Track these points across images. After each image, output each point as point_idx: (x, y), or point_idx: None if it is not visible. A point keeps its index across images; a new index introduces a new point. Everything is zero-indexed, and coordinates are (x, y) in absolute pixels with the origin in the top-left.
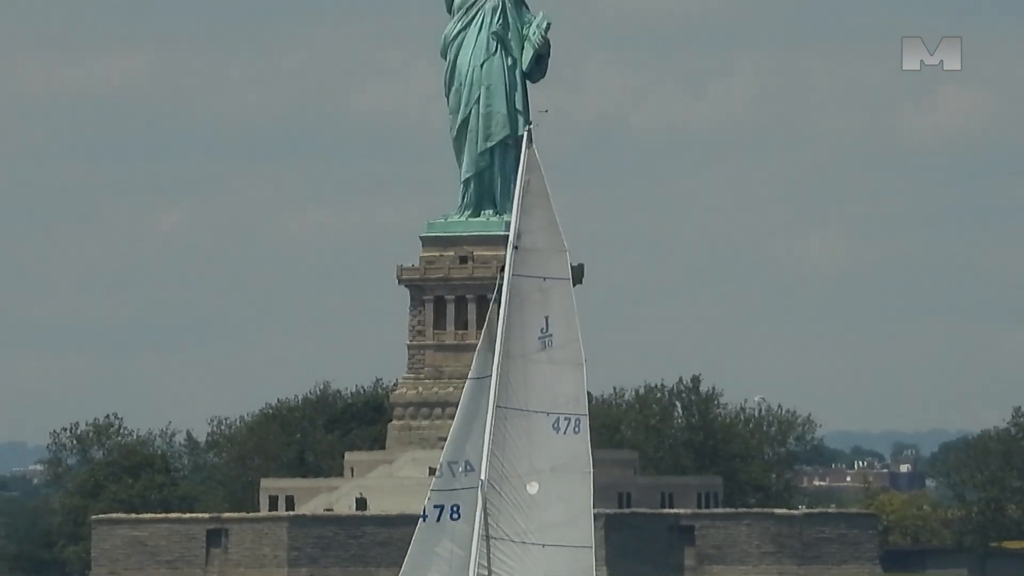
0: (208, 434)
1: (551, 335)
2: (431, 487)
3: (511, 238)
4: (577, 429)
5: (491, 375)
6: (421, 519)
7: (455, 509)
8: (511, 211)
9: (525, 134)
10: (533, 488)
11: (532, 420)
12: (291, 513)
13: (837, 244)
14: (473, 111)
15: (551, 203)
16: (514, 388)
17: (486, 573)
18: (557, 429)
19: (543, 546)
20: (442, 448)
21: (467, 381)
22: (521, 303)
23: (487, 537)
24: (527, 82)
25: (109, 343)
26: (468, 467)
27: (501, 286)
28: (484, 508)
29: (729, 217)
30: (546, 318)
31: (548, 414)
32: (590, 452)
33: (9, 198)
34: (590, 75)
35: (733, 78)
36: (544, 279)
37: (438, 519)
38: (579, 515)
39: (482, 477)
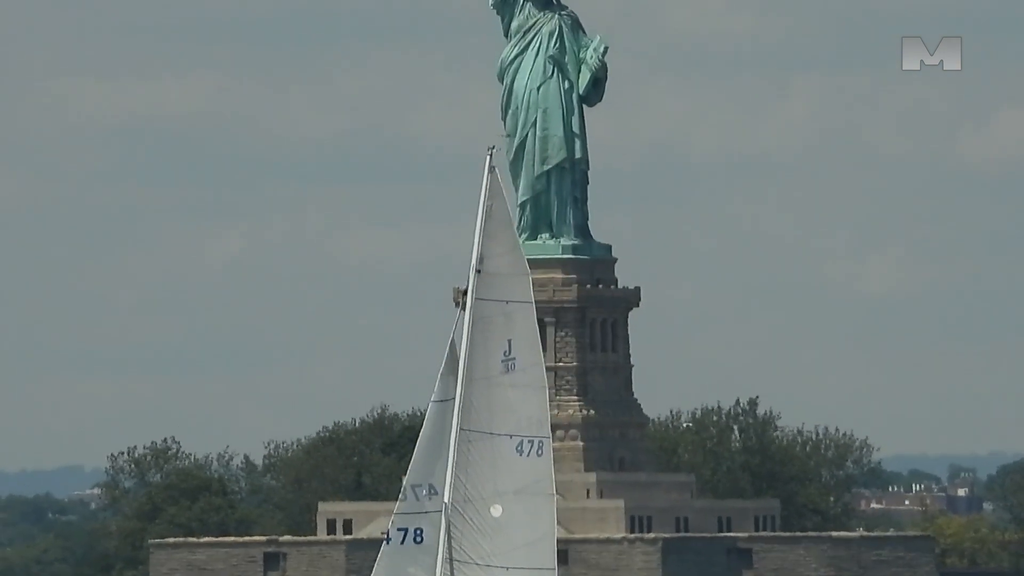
0: (265, 457)
1: (514, 358)
2: (395, 510)
3: (473, 262)
4: (540, 452)
5: (454, 398)
6: (385, 542)
7: (419, 532)
8: (568, 234)
9: (487, 159)
10: (497, 511)
11: (495, 443)
12: (349, 537)
13: (895, 267)
14: (530, 134)
15: (513, 228)
16: (477, 411)
17: None
18: (520, 452)
19: (507, 569)
20: None
21: (430, 404)
22: (485, 326)
23: (451, 560)
24: (584, 106)
25: (167, 366)
26: (432, 490)
27: (463, 310)
28: (448, 531)
29: (787, 240)
30: (509, 341)
31: (511, 437)
32: (553, 474)
33: (71, 222)
34: (648, 99)
35: (791, 101)
36: (507, 303)
37: (402, 542)
38: (542, 538)
39: (446, 500)
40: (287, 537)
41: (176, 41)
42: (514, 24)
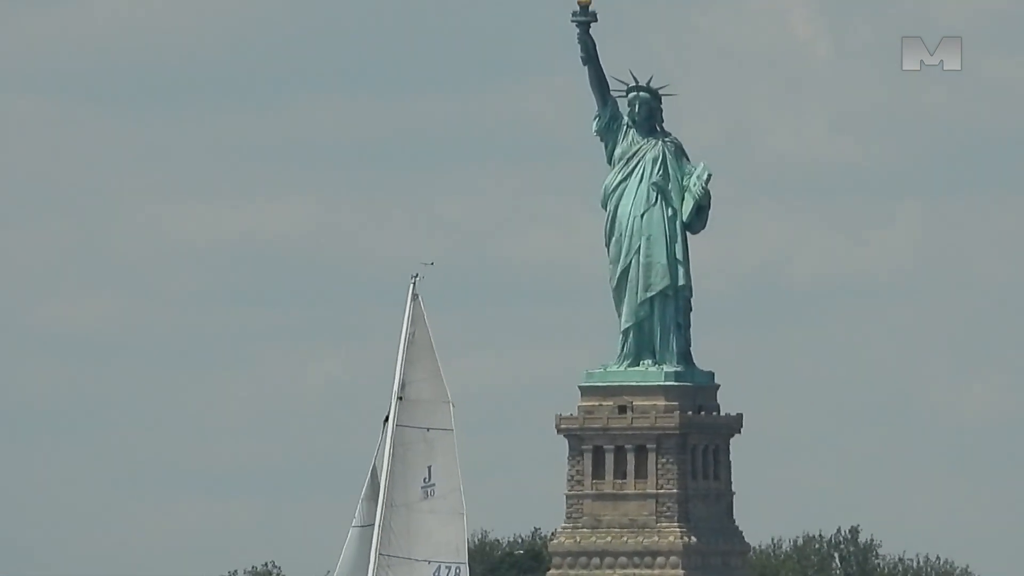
0: None
1: (434, 484)
2: None
3: (395, 388)
4: None
5: (374, 524)
6: None
7: None
8: (670, 360)
9: (410, 287)
10: None
11: (414, 569)
12: None
13: (998, 393)
14: (633, 261)
15: (435, 355)
16: (397, 536)
17: None
18: None
19: None
20: None
21: (350, 529)
22: (405, 453)
23: None
24: (687, 232)
25: (268, 489)
26: None
27: (385, 436)
28: None
29: (889, 365)
30: (429, 468)
31: (430, 562)
32: None
33: (170, 344)
34: (750, 224)
35: (894, 226)
36: (428, 429)
37: None
38: None
39: None
40: None
41: (276, 161)
42: (618, 151)
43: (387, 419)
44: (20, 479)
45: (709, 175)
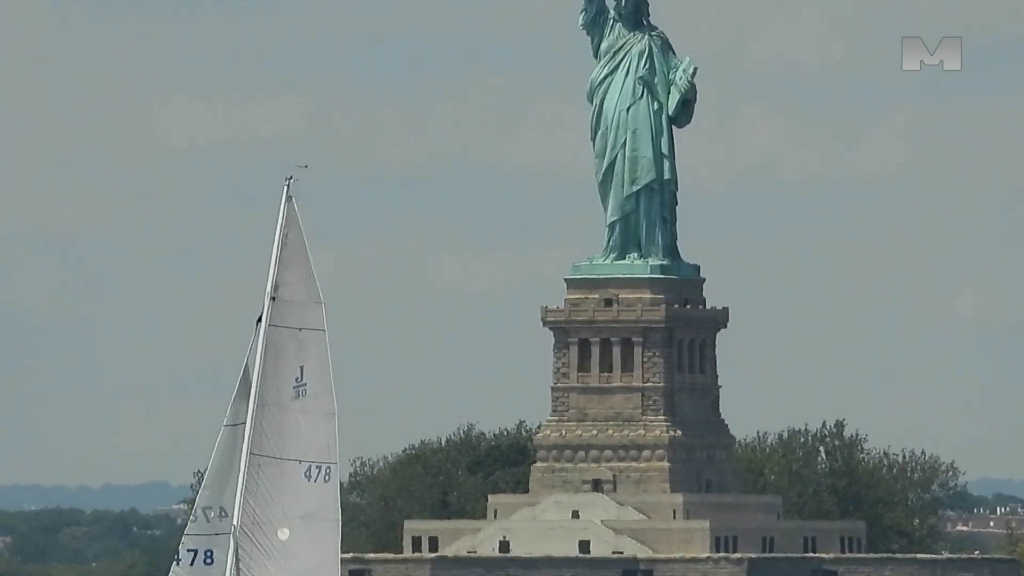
0: (351, 475)
1: (305, 384)
2: (185, 531)
3: (268, 289)
4: (327, 478)
5: (245, 423)
6: (175, 563)
7: (208, 554)
8: (656, 254)
9: (284, 189)
10: (284, 534)
11: (284, 468)
12: (434, 555)
13: (985, 292)
14: (619, 155)
15: (309, 256)
16: (268, 436)
17: None
18: (308, 477)
19: None
20: (587, 491)
21: (222, 428)
22: (277, 353)
23: None
24: (673, 127)
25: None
26: (222, 513)
27: (257, 336)
28: (236, 554)
29: (876, 263)
30: (301, 368)
31: (300, 462)
32: (339, 501)
33: (162, 245)
34: (738, 120)
35: (885, 128)
36: (300, 330)
37: (191, 563)
38: (327, 562)
39: (235, 523)
40: (373, 555)
41: (270, 61)
42: (604, 45)
43: (260, 319)
44: (10, 381)
45: (695, 69)
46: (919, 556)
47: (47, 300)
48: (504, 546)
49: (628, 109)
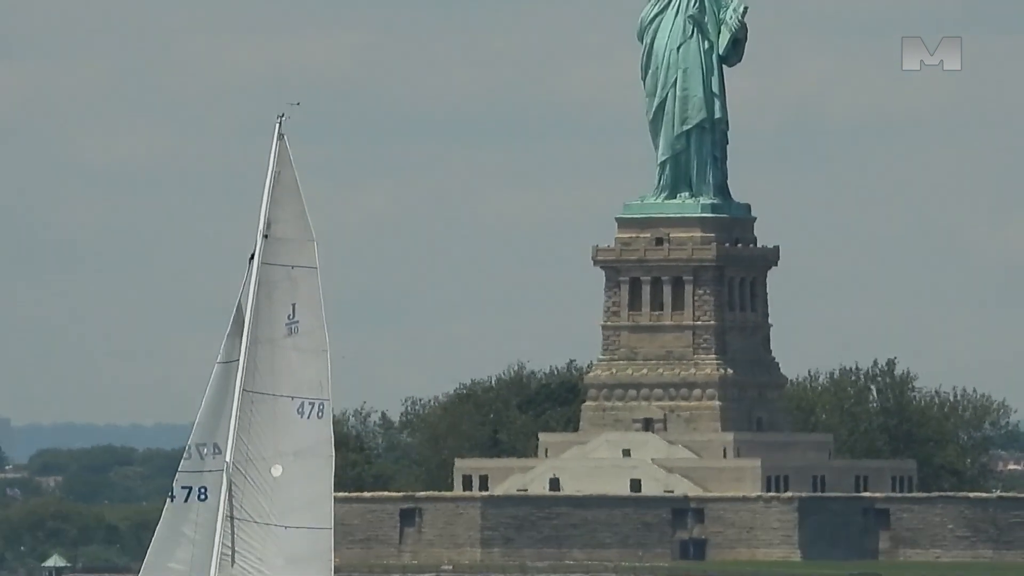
0: (402, 414)
1: (297, 322)
2: (179, 468)
3: (260, 227)
4: (320, 414)
5: (238, 360)
6: (169, 500)
7: (202, 491)
8: (707, 193)
9: (276, 127)
10: (277, 471)
11: (278, 404)
12: (485, 493)
13: None
14: (670, 94)
15: (301, 194)
16: (261, 373)
17: (230, 553)
18: (301, 413)
19: (285, 528)
20: (637, 430)
21: (215, 365)
22: (270, 291)
23: (231, 519)
24: (723, 66)
25: None
26: (215, 450)
27: (250, 273)
28: (229, 490)
29: (929, 200)
30: (293, 305)
31: (293, 398)
32: (332, 437)
33: (214, 180)
34: (788, 58)
35: (935, 63)
36: (292, 267)
37: (185, 500)
38: (320, 498)
39: (227, 459)
40: (424, 493)
41: None
42: None
43: (252, 257)
44: (61, 319)
45: (745, 8)
46: (970, 495)
47: (96, 234)
48: (554, 484)
49: (678, 48)
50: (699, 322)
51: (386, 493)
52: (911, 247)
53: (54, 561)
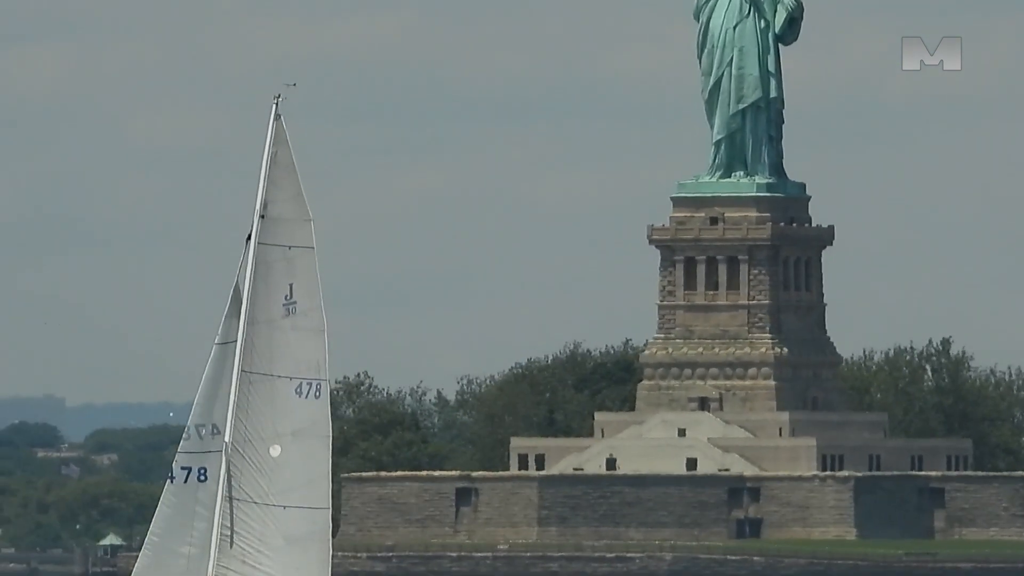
0: (458, 393)
1: (295, 302)
2: (179, 449)
3: (257, 207)
4: (318, 394)
5: (236, 340)
6: (168, 481)
7: (202, 471)
8: (762, 172)
9: (273, 108)
10: (276, 451)
11: (275, 385)
12: (541, 473)
13: None
14: (725, 73)
15: (297, 174)
16: (259, 353)
17: (229, 533)
18: (299, 393)
19: (284, 508)
20: (693, 409)
21: (213, 347)
22: (267, 271)
23: (230, 499)
24: (780, 45)
25: (362, 301)
26: (214, 430)
27: (247, 254)
28: (228, 470)
29: (982, 179)
30: (290, 285)
31: (291, 379)
32: (329, 417)
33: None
34: (844, 38)
35: (993, 42)
36: (289, 247)
37: (185, 480)
38: (318, 478)
39: (226, 440)
40: (479, 472)
41: None
42: None
43: (249, 237)
44: (114, 299)
45: None
46: None
47: (150, 214)
48: (610, 464)
49: (735, 27)
50: (754, 301)
51: (442, 472)
52: (966, 226)
53: (110, 540)
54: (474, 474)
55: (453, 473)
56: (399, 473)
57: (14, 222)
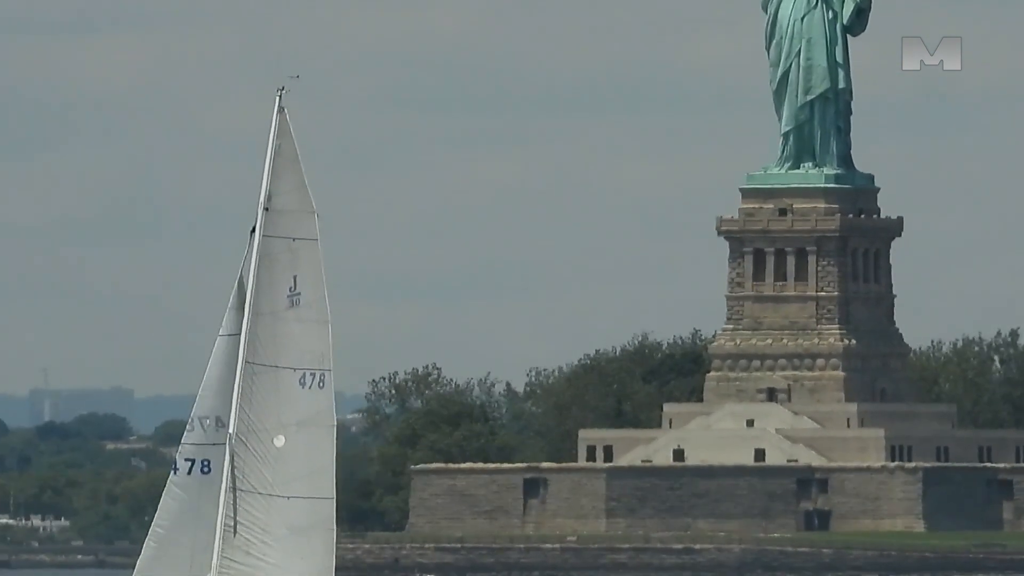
0: (526, 384)
1: (299, 293)
2: (183, 441)
3: (261, 199)
4: (322, 384)
5: (240, 332)
6: (172, 472)
7: (206, 463)
8: (831, 163)
9: (276, 100)
10: (280, 442)
11: (279, 376)
12: (609, 464)
13: None
14: (793, 64)
15: (301, 166)
16: (263, 344)
17: (233, 524)
18: (303, 384)
19: (288, 498)
20: (761, 400)
21: (217, 338)
22: (271, 263)
23: (234, 490)
24: (848, 36)
25: (430, 293)
26: (219, 422)
27: (251, 246)
28: (232, 461)
29: None
30: (295, 277)
31: (295, 370)
32: (334, 407)
33: (339, 149)
34: (912, 29)
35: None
36: (293, 239)
37: (189, 472)
38: (322, 468)
39: (230, 431)
40: (548, 464)
41: None
42: None
43: (253, 230)
44: (181, 280)
45: None
46: None
47: (219, 203)
48: (678, 455)
49: (803, 18)
50: (822, 293)
51: (510, 464)
52: None
53: None
54: (542, 466)
55: (521, 465)
56: (467, 465)
57: (83, 215)
